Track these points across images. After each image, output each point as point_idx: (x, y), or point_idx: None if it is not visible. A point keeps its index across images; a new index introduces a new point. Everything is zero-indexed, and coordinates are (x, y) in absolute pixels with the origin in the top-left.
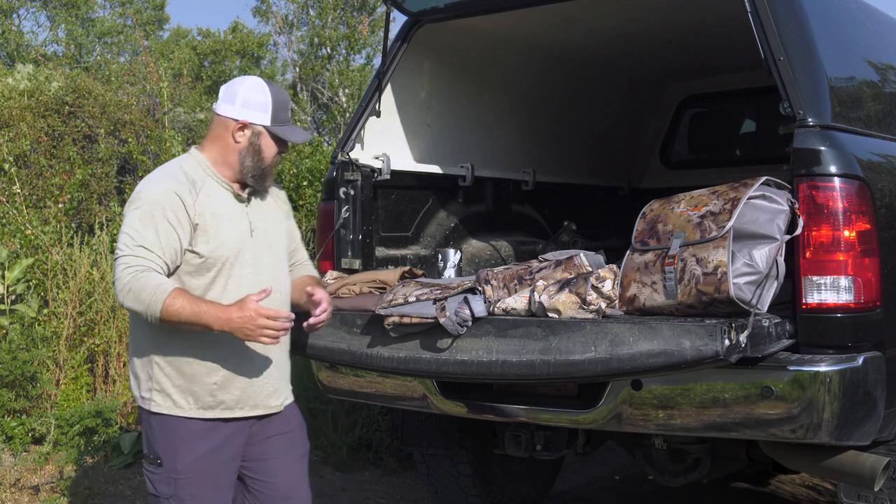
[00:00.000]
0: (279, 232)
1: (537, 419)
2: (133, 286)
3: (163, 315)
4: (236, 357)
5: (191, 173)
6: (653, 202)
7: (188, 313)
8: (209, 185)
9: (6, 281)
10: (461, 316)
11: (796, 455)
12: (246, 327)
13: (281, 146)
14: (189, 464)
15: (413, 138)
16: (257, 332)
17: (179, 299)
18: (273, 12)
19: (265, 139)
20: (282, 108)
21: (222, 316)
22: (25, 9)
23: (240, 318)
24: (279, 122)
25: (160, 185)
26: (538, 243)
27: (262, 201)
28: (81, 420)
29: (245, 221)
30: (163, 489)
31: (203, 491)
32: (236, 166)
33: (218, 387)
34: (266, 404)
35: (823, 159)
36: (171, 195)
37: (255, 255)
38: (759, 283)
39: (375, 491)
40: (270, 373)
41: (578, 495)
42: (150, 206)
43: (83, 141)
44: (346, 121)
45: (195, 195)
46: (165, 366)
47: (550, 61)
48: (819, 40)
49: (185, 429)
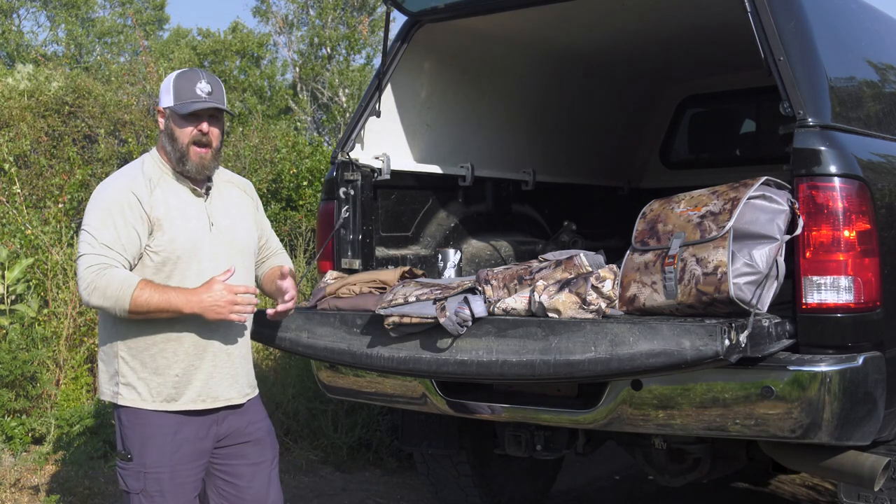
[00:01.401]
0: (244, 227)
1: (537, 419)
2: (98, 283)
3: (132, 307)
4: (197, 350)
5: (149, 171)
6: (653, 202)
7: (157, 301)
8: (166, 181)
9: (6, 281)
10: (461, 316)
11: (796, 455)
12: (217, 305)
13: (191, 122)
14: (156, 458)
15: (413, 138)
16: (227, 308)
17: (147, 290)
18: (273, 12)
19: (173, 120)
20: (186, 86)
21: (192, 298)
22: (25, 9)
23: (209, 297)
24: (182, 100)
25: (116, 184)
26: (538, 243)
27: (226, 196)
28: (81, 420)
29: (203, 216)
30: (133, 484)
31: (169, 487)
32: (168, 153)
33: (179, 379)
34: (227, 396)
35: (823, 159)
36: (126, 193)
37: (214, 251)
38: (759, 283)
39: (375, 491)
40: (231, 365)
41: (578, 495)
42: (108, 204)
43: (83, 141)
44: (346, 121)
45: (150, 192)
46: (130, 359)
47: (550, 61)
48: (819, 40)
49: (152, 424)
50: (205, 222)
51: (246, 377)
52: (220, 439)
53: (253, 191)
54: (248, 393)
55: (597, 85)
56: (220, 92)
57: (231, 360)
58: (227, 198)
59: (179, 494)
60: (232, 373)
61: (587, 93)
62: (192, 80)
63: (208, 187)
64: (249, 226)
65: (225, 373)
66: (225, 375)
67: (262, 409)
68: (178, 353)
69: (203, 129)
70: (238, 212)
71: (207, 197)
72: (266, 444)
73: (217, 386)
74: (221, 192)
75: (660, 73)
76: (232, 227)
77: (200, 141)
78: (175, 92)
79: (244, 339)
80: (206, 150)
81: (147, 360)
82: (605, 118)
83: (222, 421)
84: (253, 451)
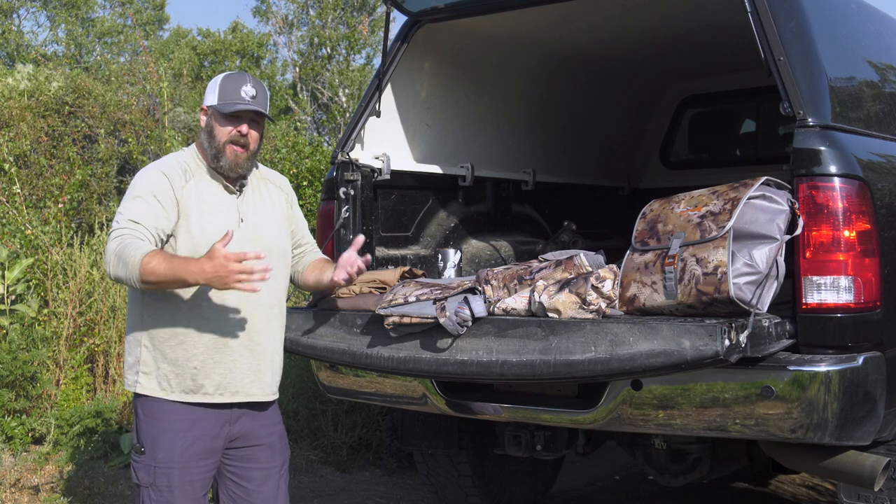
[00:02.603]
0: (275, 223)
1: (537, 419)
2: (117, 252)
3: (141, 276)
4: (217, 344)
5: (185, 163)
6: (653, 202)
7: (164, 270)
8: (201, 175)
9: (6, 281)
10: (461, 316)
11: (796, 455)
12: (219, 274)
13: (231, 122)
14: (167, 453)
15: (413, 138)
16: (231, 276)
17: (156, 258)
18: (273, 12)
19: (215, 118)
20: (232, 88)
21: (195, 269)
22: (25, 9)
23: (211, 266)
24: (226, 100)
25: (152, 170)
26: (538, 243)
27: (259, 193)
28: (81, 420)
29: (234, 212)
30: (143, 477)
31: (178, 483)
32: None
33: (198, 371)
34: (247, 391)
35: (823, 159)
36: (160, 176)
37: (241, 247)
38: (759, 283)
39: (375, 491)
40: (253, 360)
41: (578, 495)
42: (141, 187)
43: (83, 141)
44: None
45: (184, 182)
46: (152, 349)
47: (550, 61)
48: (819, 40)
49: (168, 417)
50: (234, 218)
51: (271, 375)
52: (232, 440)
53: (288, 187)
54: (272, 393)
55: (597, 85)
56: (265, 97)
57: (253, 356)
58: (260, 195)
59: (188, 491)
60: (254, 368)
61: (587, 93)
62: (238, 82)
63: (242, 185)
64: (281, 223)
65: (246, 368)
66: (246, 370)
67: (278, 413)
68: (198, 346)
69: (242, 131)
70: (271, 208)
71: (240, 194)
72: (277, 449)
73: (238, 380)
74: (255, 189)
75: (660, 73)
76: (262, 223)
77: (238, 141)
78: (220, 92)
79: (270, 335)
80: (242, 150)
81: (167, 350)
82: (606, 118)
83: (235, 421)
84: (265, 455)
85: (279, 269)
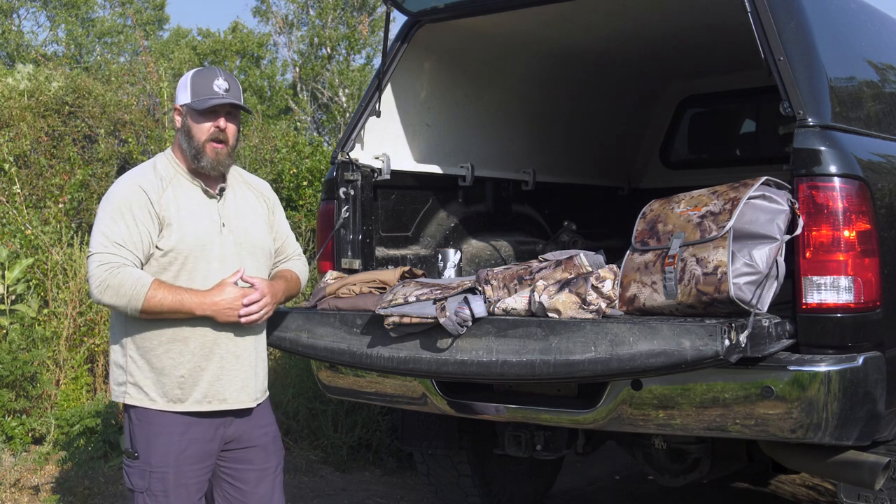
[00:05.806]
0: (256, 229)
1: (537, 419)
2: (111, 282)
3: (144, 308)
4: (203, 352)
5: (161, 171)
6: (653, 202)
7: (170, 303)
8: (178, 181)
9: (6, 281)
10: (461, 316)
11: (796, 455)
12: (230, 308)
13: (208, 118)
14: (162, 457)
15: (413, 138)
16: (238, 312)
17: (161, 291)
18: (273, 12)
19: (191, 116)
20: (203, 83)
21: (206, 301)
22: (25, 9)
23: (222, 300)
24: (199, 97)
25: (128, 182)
26: (538, 243)
27: (240, 197)
28: (81, 420)
29: (215, 216)
30: (137, 482)
31: (173, 487)
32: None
33: (185, 380)
34: (236, 399)
35: (823, 159)
36: (138, 191)
37: (223, 251)
38: (759, 283)
39: (375, 491)
40: (240, 367)
41: (578, 495)
42: (119, 203)
43: (83, 141)
44: (346, 121)
45: (162, 190)
46: (138, 359)
47: (550, 61)
48: (819, 40)
49: (160, 423)
50: (216, 223)
51: (256, 381)
52: (227, 442)
53: (270, 192)
54: (259, 397)
55: (597, 85)
56: (237, 89)
57: (239, 363)
58: (241, 199)
59: (183, 495)
60: (241, 375)
61: (587, 93)
62: (209, 77)
63: (222, 188)
64: (262, 228)
65: (233, 375)
66: (233, 378)
67: (271, 413)
68: (184, 354)
69: (220, 126)
70: (252, 213)
71: (221, 198)
72: (271, 450)
73: (224, 388)
74: (236, 193)
75: (660, 73)
76: (244, 228)
77: (217, 138)
78: (192, 89)
79: (255, 342)
80: (222, 146)
81: (153, 360)
82: (605, 118)
83: (230, 423)
84: (258, 456)
85: (262, 271)
